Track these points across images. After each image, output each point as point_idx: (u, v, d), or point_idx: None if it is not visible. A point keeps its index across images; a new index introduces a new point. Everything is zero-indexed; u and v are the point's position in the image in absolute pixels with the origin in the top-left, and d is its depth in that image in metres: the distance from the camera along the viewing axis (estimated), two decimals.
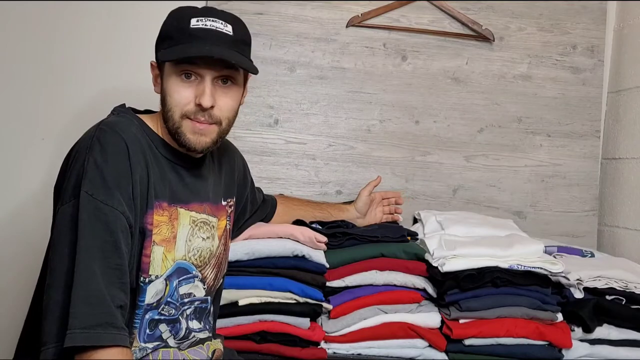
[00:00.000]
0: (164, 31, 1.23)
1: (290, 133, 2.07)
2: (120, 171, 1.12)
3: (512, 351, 1.54)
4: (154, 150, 1.22)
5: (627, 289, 1.60)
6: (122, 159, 1.13)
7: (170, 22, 1.23)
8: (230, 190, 1.41)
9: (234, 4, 1.99)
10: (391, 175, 2.09)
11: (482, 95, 2.13)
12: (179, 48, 1.18)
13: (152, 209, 1.17)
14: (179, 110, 1.20)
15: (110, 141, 1.13)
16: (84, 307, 1.03)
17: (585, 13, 2.16)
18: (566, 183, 2.16)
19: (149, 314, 1.20)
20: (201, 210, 1.28)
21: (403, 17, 2.10)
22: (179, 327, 1.26)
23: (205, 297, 1.31)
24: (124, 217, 1.10)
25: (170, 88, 1.20)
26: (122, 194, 1.11)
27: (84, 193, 1.08)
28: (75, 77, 2.01)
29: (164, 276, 1.21)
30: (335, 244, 1.61)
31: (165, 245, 1.20)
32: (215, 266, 1.33)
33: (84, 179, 1.09)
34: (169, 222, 1.21)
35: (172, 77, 1.20)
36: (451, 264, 1.54)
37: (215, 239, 1.32)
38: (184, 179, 1.26)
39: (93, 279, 1.05)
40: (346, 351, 1.54)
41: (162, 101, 1.23)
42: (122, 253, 1.09)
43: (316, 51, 2.08)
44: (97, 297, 1.04)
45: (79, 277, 1.04)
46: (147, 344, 1.21)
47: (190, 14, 1.21)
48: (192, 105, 1.20)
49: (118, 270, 1.08)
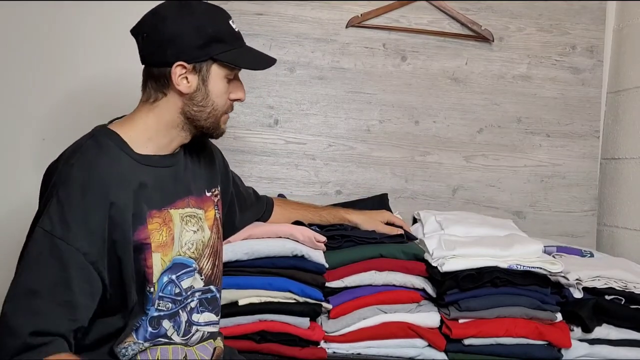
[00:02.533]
0: (213, 33, 1.21)
1: (290, 133, 2.08)
2: (84, 208, 1.12)
3: (511, 351, 1.54)
4: (134, 165, 1.21)
5: (626, 288, 1.61)
6: (89, 195, 1.13)
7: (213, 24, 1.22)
8: (213, 181, 1.41)
9: (234, 4, 1.99)
10: (391, 175, 2.10)
11: (482, 95, 2.14)
12: (244, 52, 1.26)
13: (143, 224, 1.19)
14: (222, 109, 1.27)
15: (77, 179, 1.13)
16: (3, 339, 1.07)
17: (585, 13, 2.17)
18: (565, 183, 2.16)
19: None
20: (185, 205, 1.29)
21: (403, 17, 2.11)
22: (179, 320, 1.26)
23: (207, 287, 1.32)
24: (81, 252, 1.11)
25: (219, 89, 1.25)
26: (82, 231, 1.11)
27: (39, 229, 1.11)
28: (75, 77, 2.01)
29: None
30: (334, 246, 1.61)
31: (161, 250, 1.21)
32: (211, 255, 1.34)
33: (43, 216, 1.12)
34: (163, 225, 1.22)
35: (220, 78, 1.24)
36: (450, 264, 1.54)
37: (205, 230, 1.32)
38: (164, 180, 1.26)
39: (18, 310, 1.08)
40: (346, 351, 1.54)
41: (197, 101, 1.23)
42: (72, 289, 1.10)
43: (316, 51, 2.08)
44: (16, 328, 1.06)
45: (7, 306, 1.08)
46: (147, 342, 1.21)
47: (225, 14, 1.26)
48: (229, 102, 1.29)
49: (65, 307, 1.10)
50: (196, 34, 1.20)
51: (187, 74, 1.21)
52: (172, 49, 1.19)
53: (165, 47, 1.19)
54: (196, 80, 1.22)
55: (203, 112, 1.24)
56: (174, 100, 1.24)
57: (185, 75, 1.21)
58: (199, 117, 1.25)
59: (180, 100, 1.23)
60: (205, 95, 1.23)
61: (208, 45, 1.21)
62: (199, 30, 1.20)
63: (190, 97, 1.23)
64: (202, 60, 1.21)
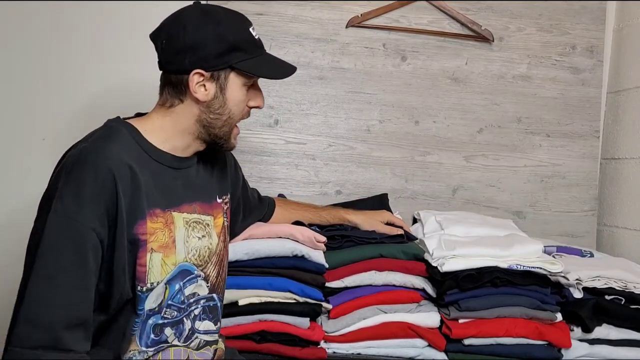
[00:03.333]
0: (234, 41, 1.19)
1: (290, 133, 2.08)
2: (95, 188, 1.10)
3: (511, 351, 1.54)
4: (145, 159, 1.20)
5: (626, 288, 1.60)
6: (99, 177, 1.11)
7: (234, 31, 1.21)
8: (224, 188, 1.40)
9: (233, 4, 1.98)
10: (391, 175, 2.10)
11: (482, 95, 2.14)
12: (264, 61, 1.25)
13: (143, 219, 1.16)
14: (239, 117, 1.27)
15: (88, 163, 1.12)
16: (25, 328, 1.05)
17: (585, 13, 2.17)
18: (565, 183, 2.16)
19: (152, 319, 1.20)
20: (191, 211, 1.27)
21: (403, 17, 2.11)
22: (182, 328, 1.26)
23: (210, 294, 1.31)
24: (95, 232, 1.10)
25: (237, 97, 1.24)
26: (94, 210, 1.10)
27: (52, 213, 1.09)
28: (75, 77, 2.00)
29: (164, 281, 1.20)
30: (334, 246, 1.61)
31: (163, 251, 1.19)
32: (217, 264, 1.33)
33: (55, 200, 1.10)
34: (165, 227, 1.20)
35: (238, 87, 1.23)
36: (450, 264, 1.54)
37: (213, 237, 1.32)
38: (175, 182, 1.25)
39: (40, 301, 1.06)
40: (346, 351, 1.54)
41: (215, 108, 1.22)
42: (88, 271, 1.09)
43: (316, 51, 2.08)
44: (41, 319, 1.05)
45: (27, 297, 1.06)
46: (149, 349, 1.21)
47: (245, 21, 1.25)
48: (246, 110, 1.29)
49: (81, 290, 1.09)
50: (217, 43, 1.18)
51: (204, 81, 1.20)
52: (192, 56, 1.18)
53: (184, 54, 1.18)
54: (214, 88, 1.21)
55: (219, 120, 1.23)
56: (190, 108, 1.22)
57: (203, 83, 1.20)
58: (214, 125, 1.24)
59: (197, 108, 1.22)
60: (222, 103, 1.22)
61: (228, 53, 1.19)
62: (219, 39, 1.18)
63: (207, 104, 1.22)
64: (221, 69, 1.20)
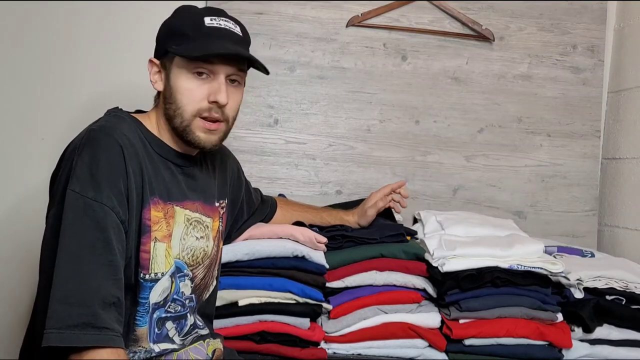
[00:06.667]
0: (176, 27, 1.21)
1: (290, 133, 2.07)
2: (110, 167, 1.10)
3: (512, 351, 1.54)
4: (148, 148, 1.21)
5: (627, 289, 1.60)
6: (112, 155, 1.11)
7: (182, 19, 1.21)
8: (223, 192, 1.41)
9: (233, 4, 1.99)
10: (391, 175, 2.09)
11: (482, 95, 2.13)
12: (198, 44, 1.17)
13: (148, 205, 1.16)
14: (191, 108, 1.19)
15: (99, 140, 1.12)
16: (61, 308, 1.02)
17: (586, 13, 2.16)
18: (566, 183, 2.16)
19: (156, 312, 1.20)
20: (194, 209, 1.27)
21: (403, 16, 2.10)
22: (184, 323, 1.26)
23: (191, 295, 1.30)
24: (114, 212, 1.09)
25: (181, 85, 1.19)
26: (112, 190, 1.09)
27: (70, 192, 1.07)
28: (75, 76, 2.00)
29: (169, 273, 1.20)
30: (335, 246, 1.61)
31: (166, 242, 1.19)
32: (207, 267, 1.33)
33: (72, 179, 1.08)
34: (164, 219, 1.20)
35: (184, 75, 1.19)
36: (451, 264, 1.54)
37: (210, 239, 1.32)
38: (177, 177, 1.25)
39: (73, 279, 1.03)
40: (346, 351, 1.54)
41: (166, 98, 1.22)
42: (113, 249, 1.07)
43: (316, 51, 2.08)
44: (76, 297, 1.02)
45: (58, 277, 1.03)
46: (155, 346, 1.20)
47: (203, 12, 1.22)
48: (205, 103, 1.20)
49: (110, 267, 1.07)
50: (163, 31, 1.23)
51: (158, 71, 1.23)
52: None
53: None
54: (163, 76, 1.23)
55: (170, 109, 1.21)
56: (160, 101, 1.25)
57: (156, 72, 1.23)
58: (169, 116, 1.22)
59: (161, 100, 1.24)
60: (170, 93, 1.21)
61: (166, 38, 1.21)
62: (165, 27, 1.23)
63: (163, 95, 1.23)
64: (162, 55, 1.22)
